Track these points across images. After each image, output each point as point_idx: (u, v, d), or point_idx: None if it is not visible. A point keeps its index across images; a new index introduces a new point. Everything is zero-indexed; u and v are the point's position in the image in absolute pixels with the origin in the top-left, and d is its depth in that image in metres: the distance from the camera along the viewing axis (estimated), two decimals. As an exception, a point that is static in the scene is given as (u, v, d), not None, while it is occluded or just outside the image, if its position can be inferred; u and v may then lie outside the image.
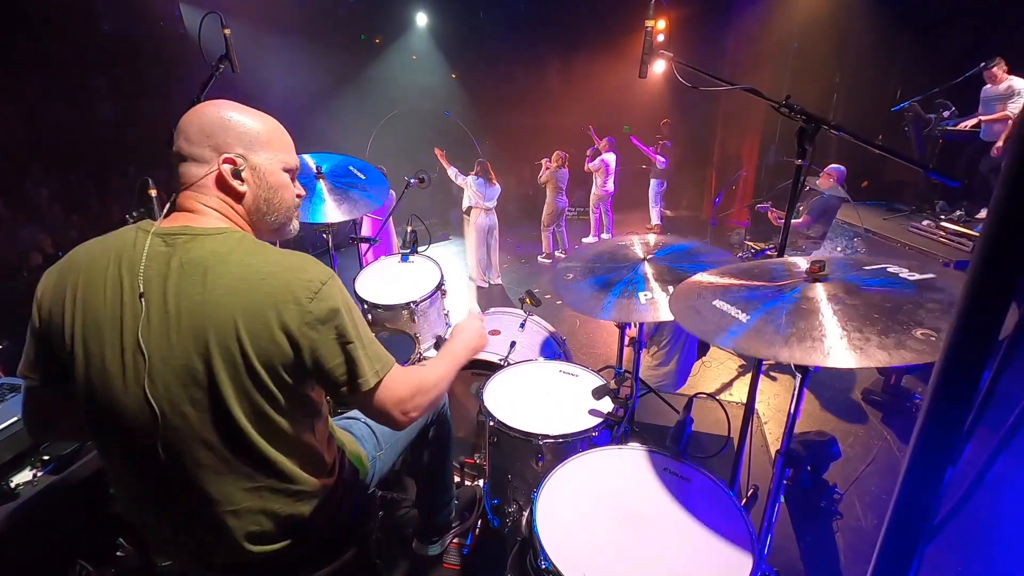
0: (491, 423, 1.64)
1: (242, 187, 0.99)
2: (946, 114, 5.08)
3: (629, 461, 1.40)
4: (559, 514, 1.23)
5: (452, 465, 1.81)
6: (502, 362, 2.17)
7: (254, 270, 0.91)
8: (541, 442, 1.55)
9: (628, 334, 2.06)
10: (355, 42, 9.30)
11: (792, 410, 1.31)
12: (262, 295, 0.89)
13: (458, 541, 1.92)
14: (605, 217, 7.94)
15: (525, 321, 2.55)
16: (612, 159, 7.55)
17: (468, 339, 1.35)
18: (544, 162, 7.00)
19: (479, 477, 2.19)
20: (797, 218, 4.54)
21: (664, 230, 8.45)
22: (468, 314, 1.48)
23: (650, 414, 2.80)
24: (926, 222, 4.79)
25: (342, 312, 0.95)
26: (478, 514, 1.98)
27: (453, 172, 6.08)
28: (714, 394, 3.66)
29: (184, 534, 1.01)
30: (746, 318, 1.12)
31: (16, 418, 1.54)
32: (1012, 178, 0.37)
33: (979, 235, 0.41)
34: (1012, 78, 4.60)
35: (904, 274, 1.16)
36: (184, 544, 1.03)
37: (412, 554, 1.87)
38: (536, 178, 7.27)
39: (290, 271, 0.92)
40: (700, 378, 4.03)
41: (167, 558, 1.11)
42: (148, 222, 0.97)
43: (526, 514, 1.39)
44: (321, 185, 2.31)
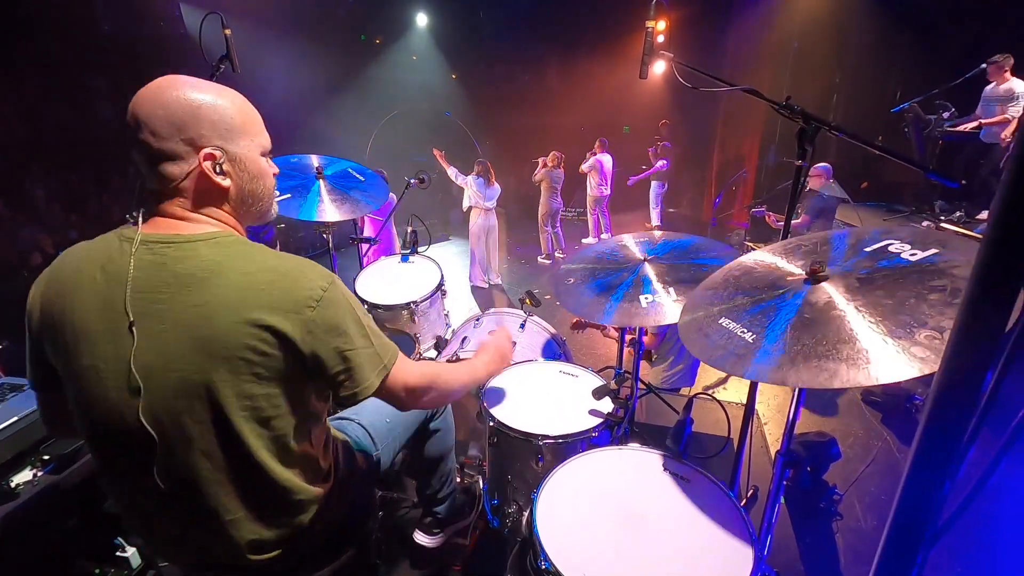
0: (491, 423, 1.64)
1: (225, 181, 0.92)
2: (946, 115, 5.09)
3: (629, 461, 1.40)
4: (559, 514, 1.23)
5: (453, 458, 1.80)
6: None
7: (252, 280, 0.87)
8: (541, 442, 1.55)
9: (628, 335, 2.06)
10: (355, 42, 9.30)
11: (792, 411, 1.31)
12: (262, 306, 0.86)
13: (458, 541, 1.92)
14: (603, 218, 7.93)
15: (525, 322, 2.54)
16: (608, 160, 7.53)
17: (491, 361, 1.43)
18: (541, 160, 6.99)
19: (479, 478, 2.19)
20: (796, 219, 4.54)
21: (663, 231, 8.43)
22: (500, 330, 1.54)
23: (650, 414, 2.80)
24: (926, 223, 4.80)
25: (345, 317, 0.94)
26: (477, 511, 1.97)
27: (453, 172, 6.07)
28: (714, 394, 3.65)
29: (182, 542, 1.00)
30: (751, 337, 1.07)
31: (16, 418, 1.54)
32: (1014, 182, 0.37)
33: (981, 237, 0.41)
34: (1014, 80, 4.59)
35: (906, 253, 1.11)
36: (182, 551, 1.03)
37: (412, 554, 1.87)
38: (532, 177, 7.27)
39: (289, 279, 0.89)
40: (700, 378, 4.03)
41: (164, 558, 1.11)
42: (130, 228, 0.92)
43: (526, 514, 1.39)
44: (321, 185, 2.31)
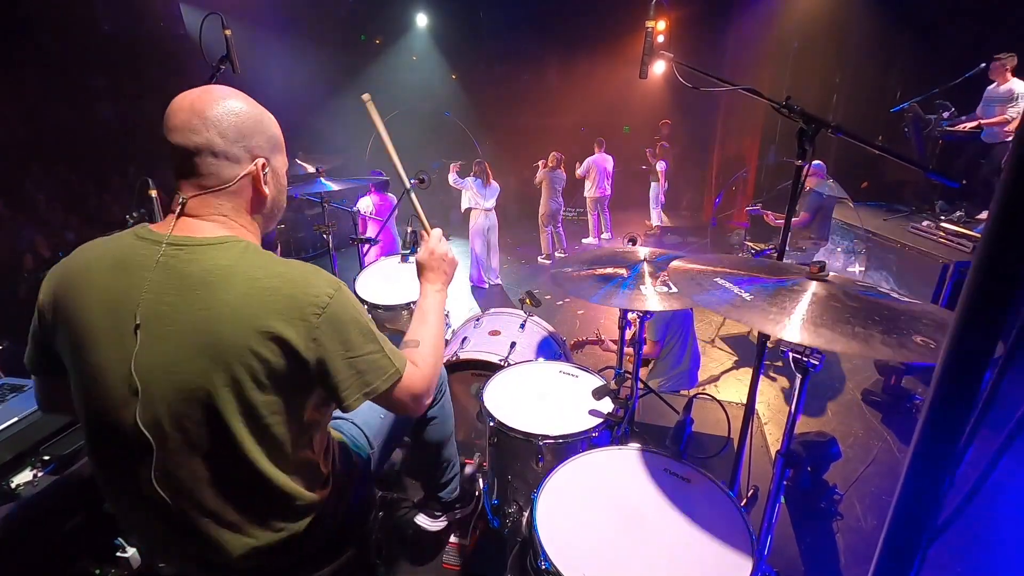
0: (491, 423, 1.64)
1: (266, 189, 0.98)
2: (946, 115, 5.09)
3: (629, 461, 1.40)
4: (559, 514, 1.23)
5: (454, 443, 1.78)
6: (502, 362, 2.17)
7: (259, 285, 0.88)
8: (541, 442, 1.55)
9: (628, 334, 2.06)
10: (355, 42, 9.32)
11: (792, 411, 1.31)
12: (268, 312, 0.86)
13: (458, 541, 1.92)
14: (603, 218, 7.93)
15: (525, 322, 2.55)
16: (607, 161, 7.53)
17: (438, 276, 1.29)
18: (541, 163, 7.01)
19: (479, 477, 2.19)
20: (794, 216, 4.54)
21: (664, 231, 8.45)
22: (423, 244, 1.34)
23: (650, 414, 2.80)
24: (926, 223, 4.79)
25: (350, 327, 0.93)
26: (479, 504, 1.96)
27: (452, 178, 6.11)
28: (714, 394, 3.66)
29: (180, 545, 1.00)
30: (749, 296, 1.13)
31: (16, 418, 1.54)
32: (1013, 180, 0.37)
33: (980, 236, 0.41)
34: (1014, 80, 4.59)
35: (895, 295, 1.18)
36: (179, 554, 1.03)
37: (412, 554, 1.87)
38: (533, 179, 7.27)
39: (295, 286, 0.89)
40: (700, 378, 4.03)
41: (163, 561, 1.11)
42: (145, 228, 0.93)
43: (526, 514, 1.39)
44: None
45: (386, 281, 2.52)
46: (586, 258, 1.94)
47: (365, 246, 2.84)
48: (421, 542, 1.85)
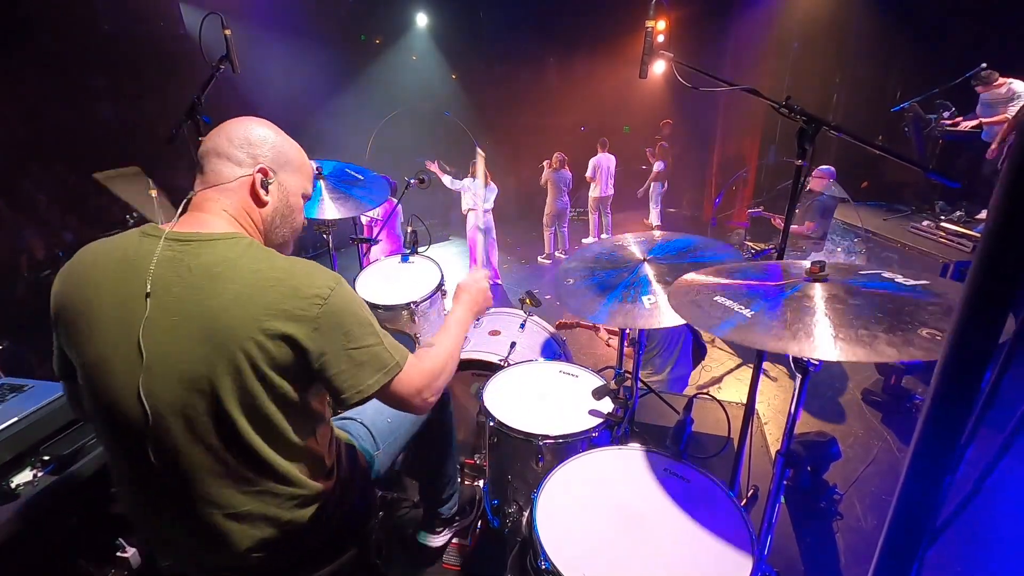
0: (491, 423, 1.64)
1: (266, 197, 1.03)
2: (946, 115, 5.08)
3: (629, 461, 1.40)
4: (559, 514, 1.23)
5: (455, 459, 1.80)
6: (502, 362, 2.17)
7: (262, 277, 0.91)
8: (541, 442, 1.55)
9: (628, 335, 2.06)
10: (355, 42, 9.30)
11: (792, 410, 1.31)
12: (271, 303, 0.89)
13: (458, 541, 1.92)
14: (604, 218, 7.94)
15: (525, 322, 2.54)
16: (610, 161, 7.53)
17: (472, 301, 1.38)
18: (545, 163, 7.02)
19: (479, 477, 2.19)
20: (799, 224, 4.54)
21: (663, 231, 8.43)
22: (471, 272, 1.46)
23: (650, 414, 2.80)
24: (926, 223, 4.79)
25: (350, 319, 0.96)
26: (478, 513, 1.97)
27: (448, 179, 6.11)
28: (714, 394, 3.65)
29: (183, 536, 1.00)
30: (749, 312, 1.12)
31: (16, 418, 1.54)
32: (1012, 179, 0.37)
33: (980, 236, 0.41)
34: (1013, 81, 4.59)
35: (899, 279, 1.16)
36: (183, 546, 1.03)
37: (412, 553, 1.87)
38: (539, 179, 7.28)
39: (298, 278, 0.93)
40: (700, 378, 4.03)
41: (166, 559, 1.11)
42: (152, 226, 0.97)
43: (526, 514, 1.39)
44: (321, 185, 2.31)
45: (386, 281, 2.52)
46: (586, 258, 1.94)
47: (365, 246, 2.84)
48: (424, 555, 1.85)
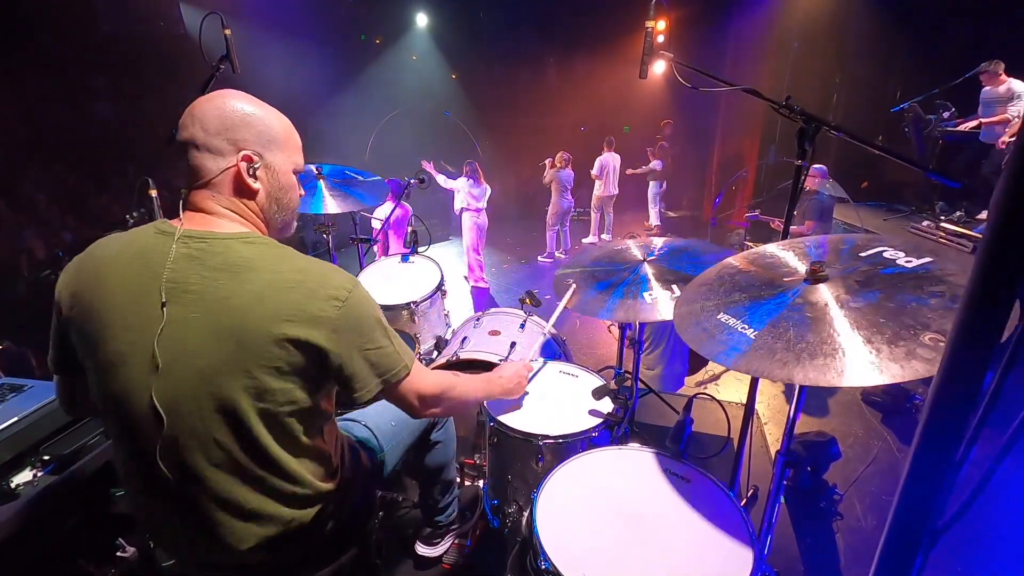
0: (491, 423, 1.63)
1: (256, 184, 0.98)
2: (946, 115, 5.09)
3: (629, 461, 1.40)
4: (559, 515, 1.23)
5: (455, 467, 1.81)
6: (502, 362, 2.17)
7: (281, 278, 0.91)
8: (541, 442, 1.54)
9: (628, 335, 2.06)
10: (355, 42, 9.30)
11: (792, 411, 1.31)
12: (289, 303, 0.89)
13: (458, 541, 1.92)
14: (606, 218, 7.94)
15: (525, 321, 2.54)
16: (613, 160, 7.53)
17: (507, 379, 1.49)
18: (548, 162, 7.01)
19: (479, 478, 2.19)
20: (798, 224, 4.54)
21: (664, 231, 8.46)
22: (522, 361, 1.61)
23: (650, 414, 2.80)
24: (926, 223, 4.80)
25: (367, 321, 0.97)
26: (478, 516, 1.97)
27: (442, 179, 6.16)
28: (714, 394, 3.65)
29: (189, 533, 1.01)
30: (754, 335, 1.09)
31: (16, 418, 1.54)
32: (1013, 179, 0.37)
33: (980, 236, 0.41)
34: (1012, 80, 4.59)
35: (901, 260, 1.12)
36: (188, 543, 1.03)
37: (412, 554, 1.87)
38: (540, 178, 7.28)
39: (316, 279, 0.93)
40: (700, 378, 4.03)
41: (170, 554, 1.12)
42: (166, 223, 0.96)
43: (526, 515, 1.39)
44: (321, 184, 2.32)
45: (386, 281, 2.52)
46: (586, 261, 1.94)
47: (367, 246, 2.85)
48: (423, 564, 1.86)
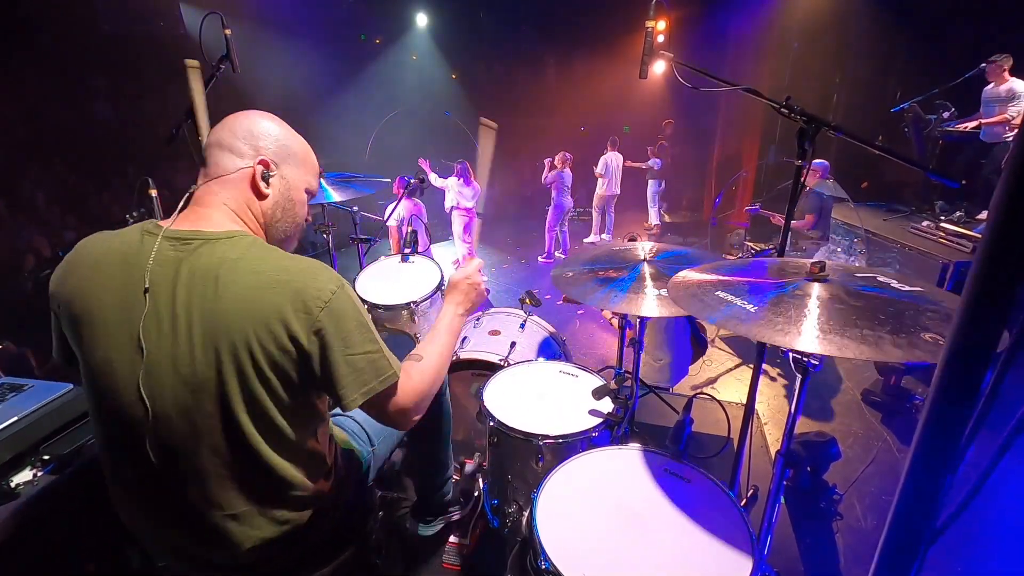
0: (491, 423, 1.63)
1: (267, 190, 1.02)
2: (946, 115, 5.08)
3: (629, 461, 1.40)
4: (559, 514, 1.23)
5: (450, 444, 1.78)
6: (502, 362, 2.17)
7: (265, 277, 0.90)
8: (541, 442, 1.54)
9: (628, 334, 2.06)
10: (355, 42, 9.31)
11: (792, 411, 1.31)
12: (272, 303, 0.89)
13: (458, 541, 1.92)
14: (607, 217, 7.94)
15: (525, 321, 2.54)
16: (616, 159, 7.53)
17: (464, 300, 1.26)
18: (547, 162, 7.01)
19: (478, 478, 2.19)
20: (799, 219, 4.53)
21: (663, 231, 8.45)
22: (462, 266, 1.33)
23: (650, 414, 2.80)
24: (926, 223, 4.79)
25: (351, 324, 0.95)
26: (477, 508, 1.96)
27: (434, 177, 6.24)
28: (714, 394, 3.65)
29: (181, 536, 1.00)
30: (753, 308, 1.12)
31: (16, 418, 1.54)
32: (1013, 179, 0.37)
33: (980, 236, 0.41)
34: (1013, 80, 4.58)
35: (894, 284, 1.17)
36: (180, 546, 1.03)
37: (411, 550, 1.87)
38: (539, 179, 7.28)
39: (301, 279, 0.92)
40: (700, 378, 4.03)
41: (163, 560, 1.11)
42: (153, 223, 0.96)
43: (526, 514, 1.39)
44: (321, 180, 2.32)
45: (386, 281, 2.52)
46: (585, 259, 1.94)
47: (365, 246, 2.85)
48: (418, 546, 1.85)
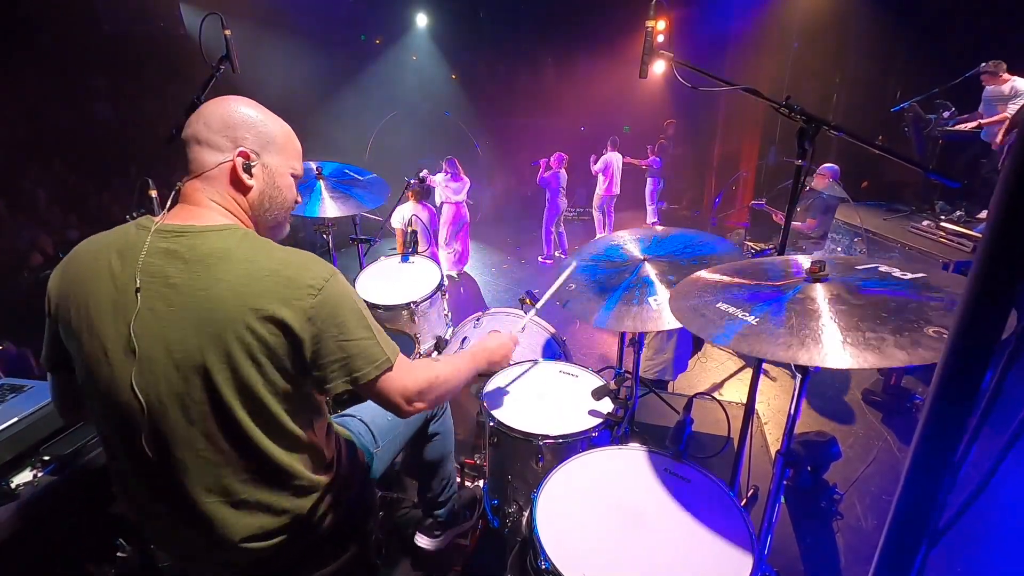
0: (491, 423, 1.63)
1: (250, 181, 1.01)
2: (946, 114, 5.08)
3: (629, 461, 1.40)
4: (559, 514, 1.23)
5: (453, 461, 1.80)
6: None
7: (258, 267, 0.92)
8: (541, 442, 1.54)
9: (628, 335, 2.06)
10: (355, 42, 9.31)
11: (792, 410, 1.31)
12: (265, 292, 0.90)
13: (458, 541, 1.92)
14: (607, 217, 7.94)
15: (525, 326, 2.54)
16: (615, 160, 7.53)
17: (492, 349, 1.43)
18: (543, 162, 7.00)
19: (479, 478, 2.19)
20: (800, 221, 4.53)
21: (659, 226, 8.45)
22: (508, 333, 1.58)
23: (650, 414, 2.80)
24: (926, 222, 4.79)
25: (344, 310, 0.96)
26: (479, 514, 1.97)
27: (423, 173, 6.21)
28: (714, 394, 3.65)
29: (182, 527, 1.00)
30: (753, 319, 1.10)
31: (16, 418, 1.54)
32: (1012, 179, 0.37)
33: (980, 236, 0.41)
34: (1015, 79, 4.58)
35: (896, 273, 1.16)
36: (182, 538, 1.03)
37: (412, 553, 1.87)
38: (535, 179, 7.28)
39: (293, 268, 0.93)
40: (699, 378, 4.03)
41: (165, 552, 1.11)
42: (147, 218, 0.97)
43: (526, 514, 1.39)
44: (321, 185, 2.32)
45: (386, 281, 2.52)
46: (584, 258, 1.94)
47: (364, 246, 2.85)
48: (423, 559, 1.85)
